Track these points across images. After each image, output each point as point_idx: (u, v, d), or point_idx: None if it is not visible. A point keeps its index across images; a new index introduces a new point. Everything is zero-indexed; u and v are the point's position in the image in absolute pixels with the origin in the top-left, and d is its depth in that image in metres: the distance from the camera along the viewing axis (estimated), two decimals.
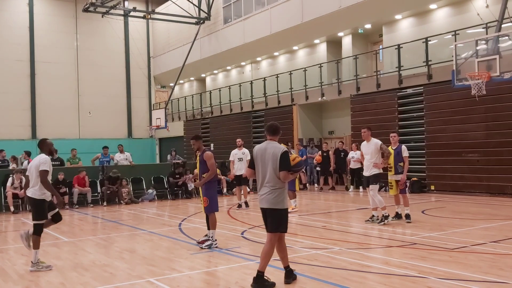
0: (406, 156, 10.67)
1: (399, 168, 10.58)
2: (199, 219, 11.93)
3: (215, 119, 29.19)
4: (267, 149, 6.01)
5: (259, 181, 6.03)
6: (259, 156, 6.05)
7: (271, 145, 6.05)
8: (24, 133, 30.70)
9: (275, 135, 6.18)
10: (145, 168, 19.36)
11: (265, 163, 5.97)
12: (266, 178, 5.95)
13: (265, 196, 5.96)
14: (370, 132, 10.56)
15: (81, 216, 14.03)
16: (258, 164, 6.05)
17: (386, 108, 18.62)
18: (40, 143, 7.46)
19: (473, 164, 15.81)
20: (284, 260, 6.12)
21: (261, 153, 6.04)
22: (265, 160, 5.98)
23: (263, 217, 6.10)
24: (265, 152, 6.01)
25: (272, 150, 5.97)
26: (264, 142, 6.20)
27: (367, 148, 10.51)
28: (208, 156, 8.47)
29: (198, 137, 8.90)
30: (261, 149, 6.07)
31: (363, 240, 8.85)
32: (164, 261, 7.52)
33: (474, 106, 15.29)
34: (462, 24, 16.96)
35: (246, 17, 26.09)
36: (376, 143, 10.34)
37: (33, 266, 7.03)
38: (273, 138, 6.17)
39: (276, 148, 5.99)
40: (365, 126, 10.80)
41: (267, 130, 6.25)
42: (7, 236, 10.90)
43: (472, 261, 6.91)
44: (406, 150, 10.74)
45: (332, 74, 21.80)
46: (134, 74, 34.99)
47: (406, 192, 10.87)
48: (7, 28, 30.37)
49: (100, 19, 29.48)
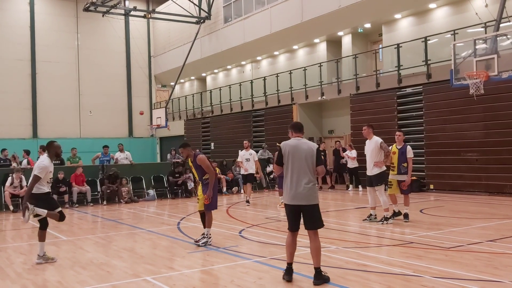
0: (410, 157, 10.43)
1: (402, 169, 10.39)
2: (198, 218, 11.91)
3: (216, 118, 29.23)
4: (300, 145, 6.09)
5: (292, 178, 6.02)
6: (291, 153, 6.06)
7: (302, 141, 6.15)
8: (25, 132, 30.79)
9: (302, 132, 6.30)
10: (145, 167, 19.39)
11: (300, 159, 6.02)
12: (302, 174, 5.99)
13: (303, 192, 5.98)
14: (372, 130, 10.37)
15: (81, 215, 14.08)
16: (289, 160, 6.06)
17: (386, 107, 18.65)
18: (48, 145, 7.52)
19: (472, 163, 15.84)
20: (291, 256, 6.13)
21: (293, 150, 6.07)
22: (300, 156, 6.03)
23: (292, 214, 6.07)
24: (298, 148, 6.07)
25: (306, 146, 6.09)
26: (292, 139, 6.23)
27: (368, 146, 10.38)
28: (202, 160, 8.43)
29: (186, 145, 8.73)
30: (292, 146, 6.11)
31: (361, 239, 8.88)
32: (161, 259, 7.56)
33: (473, 106, 15.31)
34: (462, 23, 16.97)
35: (246, 16, 26.12)
36: (377, 141, 10.19)
37: (39, 258, 7.15)
38: (300, 135, 6.27)
39: (309, 143, 6.16)
40: (366, 124, 10.66)
41: (293, 127, 6.32)
42: (6, 235, 10.94)
43: (468, 260, 6.94)
44: (411, 151, 10.49)
45: (332, 73, 21.82)
46: (135, 74, 35.06)
47: (409, 192, 10.65)
48: (8, 28, 30.45)
49: (100, 19, 29.52)
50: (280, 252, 7.77)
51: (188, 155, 8.62)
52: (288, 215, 6.16)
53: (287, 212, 6.19)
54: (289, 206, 6.09)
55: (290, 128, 6.40)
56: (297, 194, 5.99)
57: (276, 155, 6.36)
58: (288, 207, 6.13)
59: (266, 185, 20.15)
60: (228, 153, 24.75)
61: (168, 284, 6.12)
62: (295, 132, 6.28)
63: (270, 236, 9.34)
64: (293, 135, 6.28)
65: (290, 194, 6.04)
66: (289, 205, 6.07)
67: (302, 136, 6.28)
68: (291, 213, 6.09)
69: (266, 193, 19.07)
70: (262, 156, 21.17)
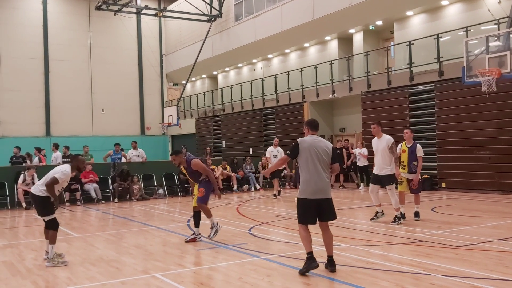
0: (420, 156, 10.16)
1: (413, 167, 10.14)
2: None
3: (227, 116, 29.26)
4: (318, 143, 6.32)
5: (312, 174, 6.22)
6: (310, 150, 6.26)
7: (319, 139, 6.40)
8: (38, 130, 31.08)
9: (317, 130, 6.53)
10: (156, 165, 19.49)
11: (318, 156, 6.26)
12: (321, 171, 6.25)
13: (323, 187, 6.26)
14: (381, 128, 10.03)
15: (92, 212, 14.19)
16: (308, 157, 6.25)
17: (397, 105, 18.53)
18: (73, 158, 7.60)
19: (485, 161, 15.68)
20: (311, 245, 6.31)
21: (311, 147, 6.28)
22: (318, 153, 6.27)
23: (311, 208, 6.26)
24: (316, 146, 6.29)
25: (324, 144, 6.38)
26: (309, 136, 6.42)
27: (377, 144, 9.98)
28: (196, 164, 8.41)
29: (178, 152, 8.70)
30: (311, 143, 6.31)
31: (370, 237, 8.84)
32: (170, 256, 7.59)
33: (486, 103, 15.16)
34: (474, 20, 16.78)
35: (257, 14, 26.10)
36: (388, 140, 9.81)
37: (49, 261, 7.09)
38: (316, 133, 6.49)
39: (326, 142, 6.48)
40: (375, 122, 10.25)
41: (310, 125, 6.51)
42: (19, 232, 11.07)
43: (478, 259, 6.87)
44: (421, 149, 10.22)
45: (343, 71, 21.74)
46: (147, 72, 35.21)
47: (419, 191, 10.42)
48: (22, 27, 30.74)
49: (112, 17, 29.69)
50: (289, 249, 7.77)
51: (181, 162, 8.55)
52: (306, 210, 6.30)
53: (304, 207, 6.30)
54: (308, 200, 6.25)
55: (306, 125, 6.52)
56: (318, 189, 6.23)
57: (291, 148, 6.46)
58: (307, 202, 6.27)
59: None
60: (239, 151, 24.78)
61: (177, 280, 6.14)
62: (312, 130, 6.45)
63: (279, 234, 9.34)
64: (310, 133, 6.44)
65: (310, 189, 6.24)
66: (309, 199, 6.24)
67: (317, 134, 6.44)
68: (310, 208, 6.26)
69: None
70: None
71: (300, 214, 6.37)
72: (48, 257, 7.14)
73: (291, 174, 20.31)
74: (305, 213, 6.32)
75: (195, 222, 8.85)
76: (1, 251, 8.47)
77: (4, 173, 16.00)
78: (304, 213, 6.33)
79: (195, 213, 8.84)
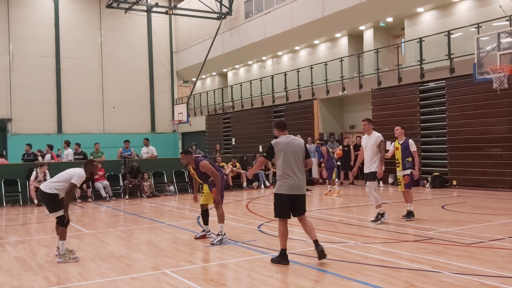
0: (414, 150, 10.07)
1: (407, 164, 10.04)
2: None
3: (237, 114, 29.30)
4: (292, 142, 6.75)
5: (289, 171, 6.61)
6: (286, 149, 6.67)
7: (291, 137, 6.82)
8: (50, 127, 31.33)
9: (287, 129, 6.96)
10: (166, 162, 19.58)
11: (294, 154, 6.68)
12: (298, 167, 6.69)
13: (300, 183, 6.69)
14: (372, 125, 9.96)
15: (103, 209, 14.30)
16: (285, 156, 6.65)
17: (408, 102, 18.43)
18: (87, 163, 7.65)
19: (496, 159, 15.56)
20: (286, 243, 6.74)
21: (287, 147, 6.69)
22: (294, 151, 6.68)
23: (288, 203, 6.66)
24: (291, 145, 6.72)
25: (297, 142, 6.80)
26: (282, 136, 6.83)
27: (367, 141, 9.91)
28: (204, 165, 8.27)
29: (188, 152, 8.63)
30: (286, 143, 6.73)
31: (380, 235, 8.82)
32: (180, 253, 7.64)
33: (497, 100, 15.03)
34: (486, 16, 16.64)
35: (267, 11, 26.08)
36: (377, 138, 9.73)
37: (60, 257, 7.16)
38: (286, 132, 6.92)
39: (299, 139, 6.88)
40: (365, 119, 10.13)
41: (280, 126, 6.94)
42: (30, 228, 11.19)
43: (489, 256, 6.84)
44: (413, 144, 10.15)
45: (353, 68, 21.67)
46: (157, 70, 35.35)
47: (410, 187, 10.18)
48: (34, 25, 30.99)
49: (123, 15, 29.86)
50: (298, 246, 7.79)
51: (189, 162, 8.45)
52: (284, 204, 6.69)
53: (282, 202, 6.69)
54: (286, 195, 6.65)
55: (276, 126, 6.99)
56: (294, 185, 6.64)
57: (266, 150, 6.92)
58: (284, 197, 6.66)
59: None
60: (249, 149, 24.81)
61: (186, 277, 6.19)
62: (282, 130, 6.91)
63: (288, 231, 9.32)
64: (281, 133, 6.88)
65: (287, 185, 6.64)
66: (286, 194, 6.64)
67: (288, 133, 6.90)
68: (287, 203, 6.67)
69: None
70: None
71: (278, 209, 6.76)
72: (60, 253, 7.21)
73: None
74: (282, 208, 6.71)
75: (203, 220, 8.88)
76: (13, 247, 8.58)
77: (16, 170, 16.19)
78: (281, 208, 6.72)
79: (203, 211, 8.86)
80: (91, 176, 7.61)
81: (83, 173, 7.37)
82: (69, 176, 7.29)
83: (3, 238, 9.56)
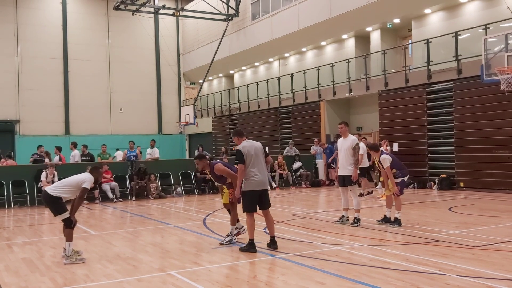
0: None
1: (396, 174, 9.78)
2: (224, 214, 12.03)
3: (243, 115, 29.32)
4: (254, 144, 7.79)
5: (256, 170, 7.59)
6: (252, 152, 7.68)
7: (252, 141, 7.85)
8: (58, 129, 31.51)
9: (244, 135, 7.99)
10: (173, 164, 19.64)
11: (258, 155, 7.74)
12: (262, 166, 7.76)
13: (264, 179, 7.75)
14: (348, 128, 10.11)
15: (110, 210, 14.36)
16: (252, 158, 7.64)
17: (415, 103, 18.37)
18: (93, 169, 7.72)
19: (504, 160, 15.47)
20: (253, 233, 7.64)
21: (252, 149, 7.70)
22: (257, 152, 7.74)
23: (256, 198, 7.65)
24: (254, 147, 7.77)
25: (257, 144, 7.87)
26: (246, 141, 7.84)
27: (342, 144, 10.01)
28: (219, 168, 8.27)
29: (202, 157, 8.69)
30: (250, 147, 7.74)
31: (386, 237, 8.80)
32: (186, 254, 7.66)
33: (505, 102, 14.93)
34: (493, 17, 16.56)
35: (274, 13, 26.09)
36: (353, 141, 9.84)
37: (67, 259, 7.19)
38: (245, 138, 7.92)
39: (257, 143, 7.92)
40: (342, 122, 10.24)
41: (239, 134, 7.94)
42: (39, 229, 11.26)
43: (495, 259, 6.81)
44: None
45: (360, 69, 21.63)
46: (164, 71, 35.45)
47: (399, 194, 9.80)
48: (42, 27, 31.20)
49: (130, 17, 29.97)
50: (304, 248, 7.79)
51: (204, 166, 8.50)
52: (252, 199, 7.63)
53: (250, 197, 7.62)
54: (254, 191, 7.62)
55: (235, 135, 7.95)
56: (260, 181, 7.65)
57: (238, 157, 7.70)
58: (253, 193, 7.62)
59: (293, 182, 20.12)
60: None
61: (192, 278, 6.21)
62: (241, 137, 7.89)
63: (294, 233, 9.35)
64: (241, 140, 7.84)
65: (255, 182, 7.61)
66: (254, 190, 7.62)
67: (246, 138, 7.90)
68: (255, 198, 7.65)
69: (292, 190, 19.04)
70: (289, 153, 21.18)
71: (248, 205, 7.67)
72: (66, 254, 7.25)
73: (308, 173, 20.31)
74: (251, 203, 7.66)
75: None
76: (21, 248, 8.64)
77: (24, 172, 16.29)
78: (250, 203, 7.66)
79: (228, 210, 8.83)
80: (95, 182, 7.65)
81: (92, 177, 7.45)
82: (79, 183, 7.34)
83: (10, 239, 9.62)
